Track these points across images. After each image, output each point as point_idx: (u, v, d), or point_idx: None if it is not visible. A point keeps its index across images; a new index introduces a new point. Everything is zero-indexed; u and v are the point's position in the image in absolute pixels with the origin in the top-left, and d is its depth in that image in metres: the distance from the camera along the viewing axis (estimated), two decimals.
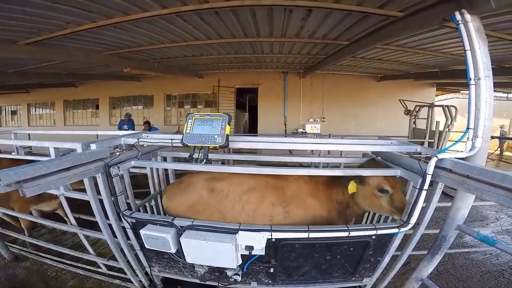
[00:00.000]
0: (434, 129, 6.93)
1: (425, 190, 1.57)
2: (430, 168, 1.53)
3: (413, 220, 1.65)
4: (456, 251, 3.14)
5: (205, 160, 1.59)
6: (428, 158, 1.64)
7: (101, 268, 2.60)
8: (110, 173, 1.70)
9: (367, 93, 9.39)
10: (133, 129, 7.32)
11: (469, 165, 1.42)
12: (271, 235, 1.64)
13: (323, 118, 9.48)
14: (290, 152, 6.61)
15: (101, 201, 1.91)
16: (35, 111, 12.15)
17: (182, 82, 9.43)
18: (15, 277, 2.73)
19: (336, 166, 3.78)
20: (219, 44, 5.34)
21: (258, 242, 1.62)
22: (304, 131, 9.06)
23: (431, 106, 7.38)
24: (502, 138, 12.09)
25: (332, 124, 9.28)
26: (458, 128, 7.10)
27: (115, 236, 2.05)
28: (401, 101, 7.87)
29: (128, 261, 2.22)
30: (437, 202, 1.70)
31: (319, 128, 9.05)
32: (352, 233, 1.65)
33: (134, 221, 1.86)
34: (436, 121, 6.98)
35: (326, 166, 4.60)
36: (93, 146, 1.74)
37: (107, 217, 1.96)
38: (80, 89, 10.82)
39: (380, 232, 1.67)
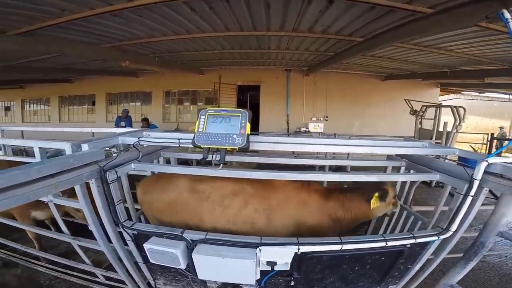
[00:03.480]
0: (442, 130, 6.76)
1: (471, 196, 1.45)
2: (479, 174, 1.40)
3: (454, 227, 1.54)
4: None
5: (221, 164, 1.31)
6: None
7: (98, 278, 2.37)
8: (106, 178, 1.43)
9: (371, 92, 9.18)
10: (131, 126, 7.03)
11: None
12: (299, 249, 1.43)
13: (327, 117, 9.25)
14: (293, 153, 6.38)
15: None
16: (30, 107, 11.70)
17: (181, 78, 9.10)
18: (6, 284, 2.51)
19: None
20: (224, 37, 5.07)
21: (283, 257, 1.42)
22: (307, 130, 8.85)
23: (439, 106, 7.19)
24: (502, 139, 12.02)
25: (335, 123, 9.07)
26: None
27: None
28: (407, 101, 7.68)
29: (128, 272, 1.97)
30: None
31: (322, 127, 8.86)
32: (389, 243, 1.51)
33: (136, 233, 1.60)
34: (444, 122, 6.81)
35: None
36: (85, 147, 1.46)
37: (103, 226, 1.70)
38: (76, 85, 10.45)
39: (418, 240, 1.55)
